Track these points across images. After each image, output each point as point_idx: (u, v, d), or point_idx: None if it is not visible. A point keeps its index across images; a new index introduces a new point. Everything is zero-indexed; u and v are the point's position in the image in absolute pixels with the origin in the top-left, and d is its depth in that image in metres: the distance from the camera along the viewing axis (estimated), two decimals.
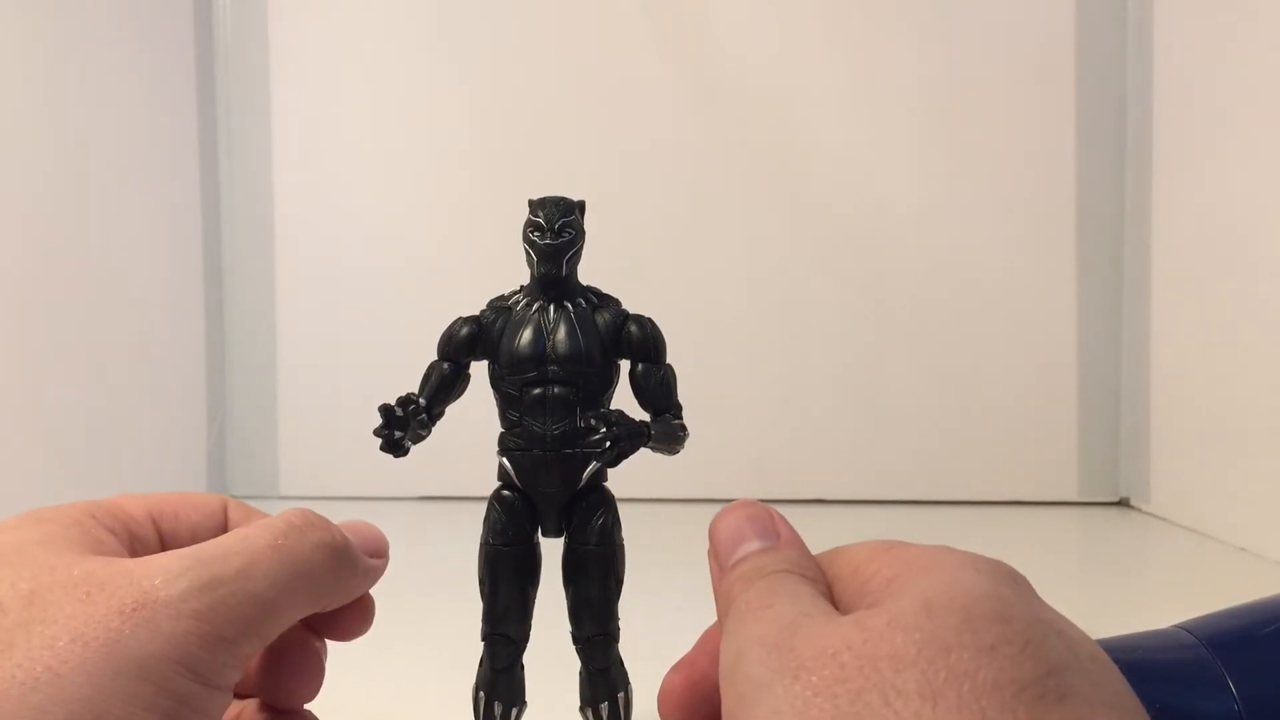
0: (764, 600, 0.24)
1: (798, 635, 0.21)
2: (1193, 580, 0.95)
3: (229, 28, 1.39)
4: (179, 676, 0.24)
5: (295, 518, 0.29)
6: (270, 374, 1.39)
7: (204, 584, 0.25)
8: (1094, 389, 1.29)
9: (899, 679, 0.19)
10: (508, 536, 0.53)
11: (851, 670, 0.19)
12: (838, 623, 0.21)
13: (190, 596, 0.25)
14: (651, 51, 1.32)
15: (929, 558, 0.23)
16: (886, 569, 0.23)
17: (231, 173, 1.40)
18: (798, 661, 0.20)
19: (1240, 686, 0.34)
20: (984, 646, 0.19)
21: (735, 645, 0.22)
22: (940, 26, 1.29)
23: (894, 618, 0.20)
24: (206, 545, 0.27)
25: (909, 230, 1.30)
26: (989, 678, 0.18)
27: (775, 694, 0.20)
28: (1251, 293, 1.03)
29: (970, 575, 0.21)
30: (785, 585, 0.24)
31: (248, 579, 0.26)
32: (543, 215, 0.52)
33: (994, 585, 0.21)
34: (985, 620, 0.19)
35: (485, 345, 0.53)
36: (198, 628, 0.24)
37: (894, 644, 0.19)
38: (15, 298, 1.05)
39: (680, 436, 0.53)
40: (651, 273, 1.26)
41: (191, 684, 0.24)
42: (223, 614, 0.25)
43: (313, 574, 0.29)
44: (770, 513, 0.28)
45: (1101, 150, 1.28)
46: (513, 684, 0.54)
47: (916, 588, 0.21)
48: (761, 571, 0.25)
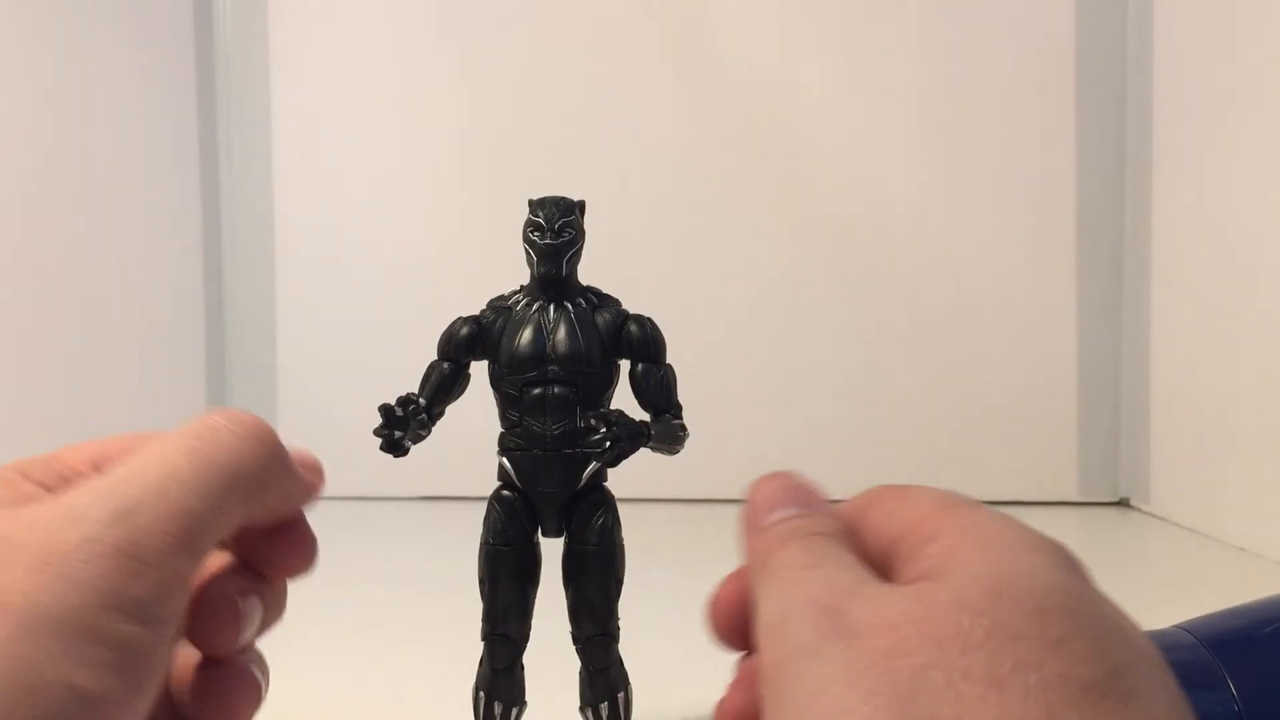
0: (808, 559, 0.23)
1: (854, 599, 0.20)
2: (1193, 580, 0.95)
3: (229, 28, 1.39)
4: (108, 622, 0.22)
5: (213, 417, 0.27)
6: (270, 374, 1.39)
7: (114, 515, 0.23)
8: (1094, 389, 1.29)
9: (964, 661, 0.18)
10: (508, 536, 0.53)
11: (913, 644, 0.19)
12: (898, 593, 0.20)
13: (103, 532, 0.23)
14: (652, 52, 1.32)
15: (993, 530, 0.22)
16: (949, 533, 0.22)
17: (231, 173, 1.40)
18: (854, 627, 0.19)
19: (1240, 686, 0.34)
20: (1051, 640, 0.18)
21: (780, 603, 0.21)
22: (940, 28, 1.29)
23: (962, 598, 0.19)
24: (115, 471, 0.25)
25: (909, 230, 1.30)
26: (1056, 671, 0.18)
27: (827, 658, 0.19)
28: (1251, 293, 1.03)
29: (1037, 560, 0.21)
30: (830, 549, 0.24)
31: (162, 496, 0.24)
32: (543, 215, 0.53)
33: (1061, 575, 0.20)
34: (1054, 613, 0.19)
35: (485, 345, 0.53)
36: (116, 565, 0.22)
37: (960, 625, 0.19)
38: (15, 297, 1.05)
39: (680, 436, 0.53)
40: (651, 273, 1.26)
41: (123, 624, 0.22)
42: (141, 540, 0.23)
43: (239, 471, 0.26)
44: (810, 485, 0.27)
45: (1101, 150, 1.27)
46: (513, 684, 0.54)
47: (984, 566, 0.20)
48: (802, 531, 0.24)
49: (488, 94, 1.34)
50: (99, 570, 0.22)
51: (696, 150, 1.32)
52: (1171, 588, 0.94)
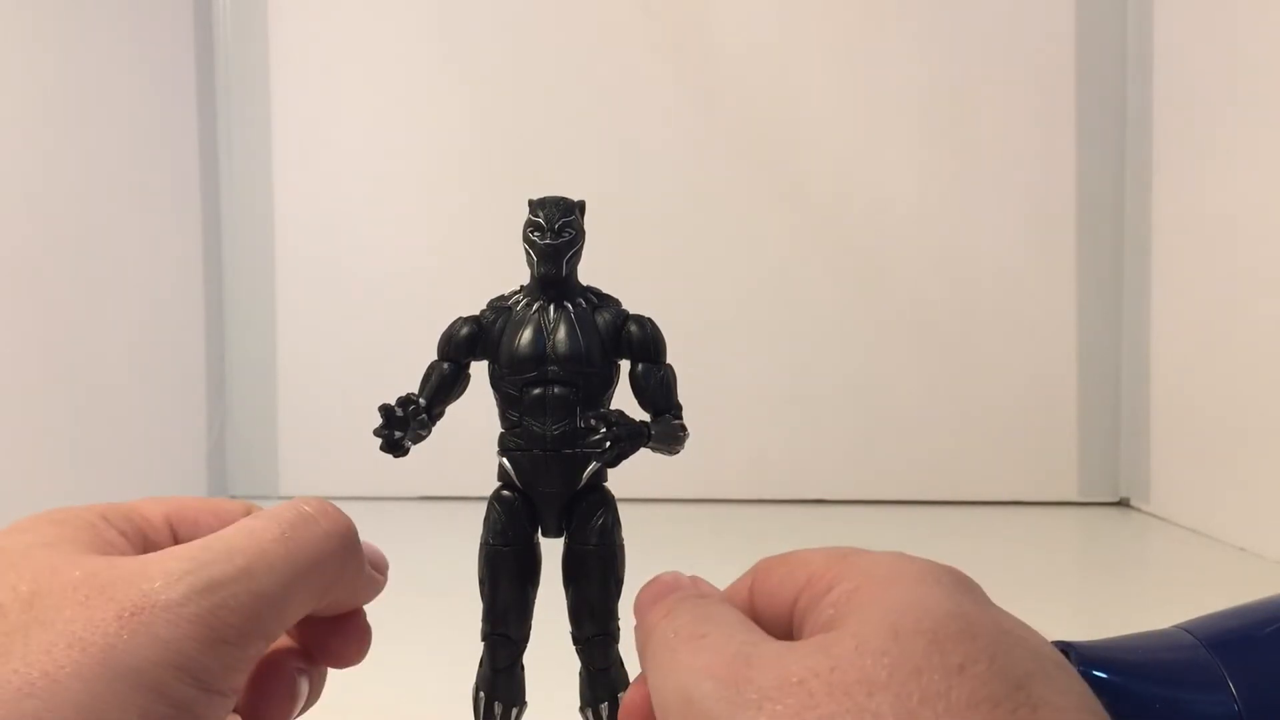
0: (695, 629, 0.23)
1: (753, 666, 0.20)
2: (1193, 580, 0.95)
3: (229, 28, 1.39)
4: (178, 682, 0.23)
5: (306, 506, 0.28)
6: (270, 374, 1.39)
7: (205, 586, 0.24)
8: (1094, 389, 1.29)
9: (872, 702, 0.18)
10: (508, 536, 0.53)
11: (821, 697, 0.19)
12: (798, 649, 0.21)
13: (190, 600, 0.24)
14: (651, 52, 1.32)
15: (887, 569, 0.22)
16: (846, 580, 0.22)
17: (231, 173, 1.40)
18: (759, 692, 0.20)
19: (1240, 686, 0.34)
20: (953, 667, 0.19)
21: (677, 682, 0.22)
22: (940, 27, 1.29)
23: (861, 642, 0.20)
24: (211, 542, 0.26)
25: (909, 230, 1.30)
26: (961, 696, 0.18)
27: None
28: (1251, 293, 1.03)
29: (930, 590, 0.21)
30: (714, 612, 0.24)
31: (251, 578, 0.25)
32: (543, 215, 0.52)
33: (954, 600, 0.21)
34: (952, 640, 0.19)
35: (485, 345, 0.53)
36: (197, 632, 0.24)
37: (863, 668, 0.19)
38: (15, 297, 1.05)
39: (680, 437, 0.53)
40: (652, 273, 1.26)
41: (190, 689, 0.23)
42: (224, 617, 0.24)
43: (320, 565, 0.28)
44: (697, 578, 0.28)
45: (1101, 150, 1.27)
46: (513, 684, 0.53)
47: (879, 607, 0.21)
48: (683, 600, 0.25)
49: (488, 94, 1.34)
50: (182, 634, 0.23)
51: (696, 150, 1.32)
52: (1171, 588, 0.94)
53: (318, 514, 0.28)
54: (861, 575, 0.22)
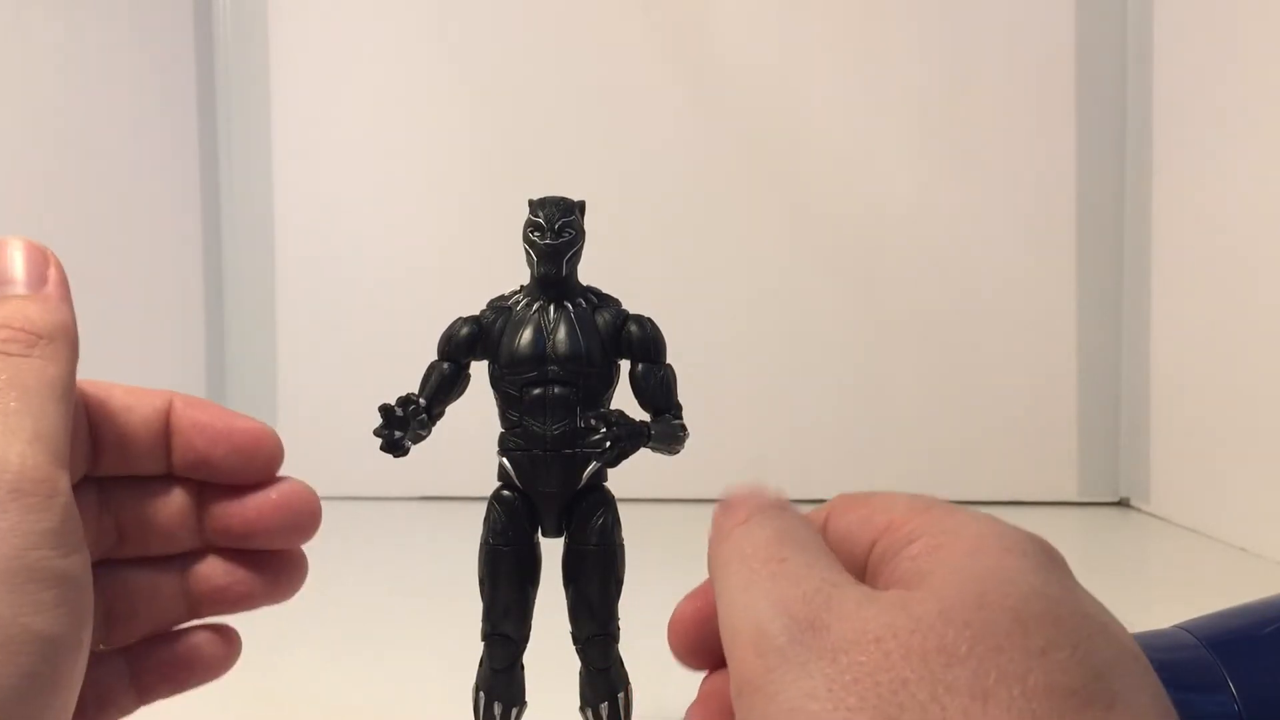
0: (774, 550, 0.22)
1: (831, 609, 0.20)
2: (1193, 580, 0.95)
3: (229, 28, 1.39)
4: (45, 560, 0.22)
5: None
6: (270, 374, 1.39)
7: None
8: (1094, 389, 1.29)
9: (948, 674, 0.18)
10: (508, 536, 0.53)
11: (897, 659, 0.18)
12: (878, 602, 0.20)
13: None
14: (652, 51, 1.32)
15: (973, 532, 0.22)
16: (929, 536, 0.22)
17: (231, 173, 1.40)
18: (835, 642, 0.19)
19: (1240, 686, 0.34)
20: (1035, 649, 0.18)
21: (750, 608, 0.21)
22: (940, 27, 1.29)
23: (945, 608, 0.19)
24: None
25: (909, 230, 1.30)
26: (1040, 681, 0.18)
27: (808, 673, 0.19)
28: (1251, 293, 1.03)
29: (1019, 564, 0.21)
30: (796, 532, 0.23)
31: (13, 434, 0.24)
32: (543, 215, 0.53)
33: (1042, 578, 0.20)
34: (1035, 620, 0.19)
35: (485, 345, 0.53)
36: (24, 502, 0.23)
37: (944, 637, 0.19)
38: None
39: (680, 436, 0.53)
40: (652, 273, 1.26)
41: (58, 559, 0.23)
42: (32, 474, 0.23)
43: (52, 378, 0.26)
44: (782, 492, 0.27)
45: (1101, 150, 1.27)
46: (513, 684, 0.54)
47: (965, 573, 0.20)
48: (765, 511, 0.24)
49: (488, 93, 1.34)
50: (11, 520, 0.22)
51: (696, 150, 1.32)
52: (1171, 588, 0.94)
53: (10, 342, 0.26)
54: (946, 534, 0.22)
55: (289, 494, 0.30)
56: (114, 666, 0.29)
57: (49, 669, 0.22)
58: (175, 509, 0.30)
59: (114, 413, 0.29)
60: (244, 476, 0.29)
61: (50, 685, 0.22)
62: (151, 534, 0.30)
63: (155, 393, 0.30)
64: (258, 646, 0.40)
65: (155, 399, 0.30)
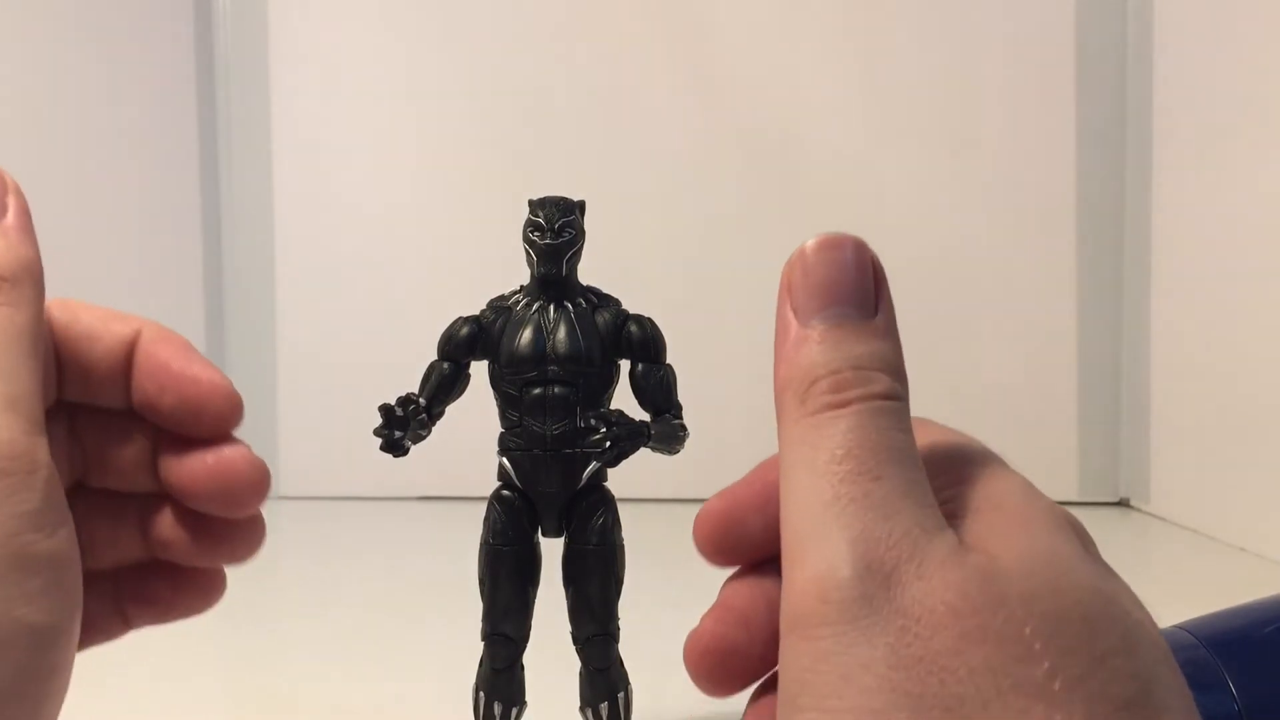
0: (869, 463, 0.20)
1: (914, 563, 0.18)
2: (1193, 580, 0.95)
3: (229, 28, 1.39)
4: (30, 544, 0.21)
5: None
6: (270, 374, 1.39)
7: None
8: (1094, 389, 1.29)
9: (1018, 671, 0.17)
10: (508, 536, 0.53)
11: (973, 642, 0.17)
12: (963, 565, 0.18)
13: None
14: (652, 51, 1.32)
15: (1016, 504, 0.21)
16: (968, 499, 0.20)
17: (231, 173, 1.40)
18: (908, 606, 0.18)
19: (1240, 686, 0.34)
20: (1098, 655, 0.18)
21: (828, 537, 0.19)
22: (940, 26, 1.29)
23: (1029, 592, 0.18)
24: None
25: (908, 230, 1.30)
26: (1097, 689, 0.18)
27: (872, 641, 0.18)
28: (1251, 292, 1.03)
29: (1069, 549, 0.20)
30: (898, 441, 0.20)
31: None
32: (543, 215, 0.53)
33: (1091, 568, 0.20)
34: (1100, 623, 0.18)
35: (485, 345, 0.53)
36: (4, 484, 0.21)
37: (1024, 627, 0.18)
38: None
39: (680, 436, 0.53)
40: (652, 273, 1.26)
41: (43, 540, 0.21)
42: (9, 451, 0.22)
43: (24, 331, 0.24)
44: (877, 269, 0.23)
45: (1101, 150, 1.27)
46: (513, 684, 0.54)
47: (1032, 554, 0.19)
48: (870, 395, 0.21)
49: (488, 94, 1.34)
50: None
51: (696, 150, 1.32)
52: (1171, 588, 0.94)
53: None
54: (987, 502, 0.20)
55: (226, 461, 0.27)
56: (100, 588, 0.27)
57: (43, 660, 0.21)
58: (136, 449, 0.27)
59: (77, 339, 0.27)
60: (192, 430, 0.27)
61: (47, 674, 0.21)
62: (111, 469, 0.27)
63: (125, 321, 0.27)
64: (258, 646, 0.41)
65: (123, 329, 0.27)
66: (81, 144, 1.17)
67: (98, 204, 1.19)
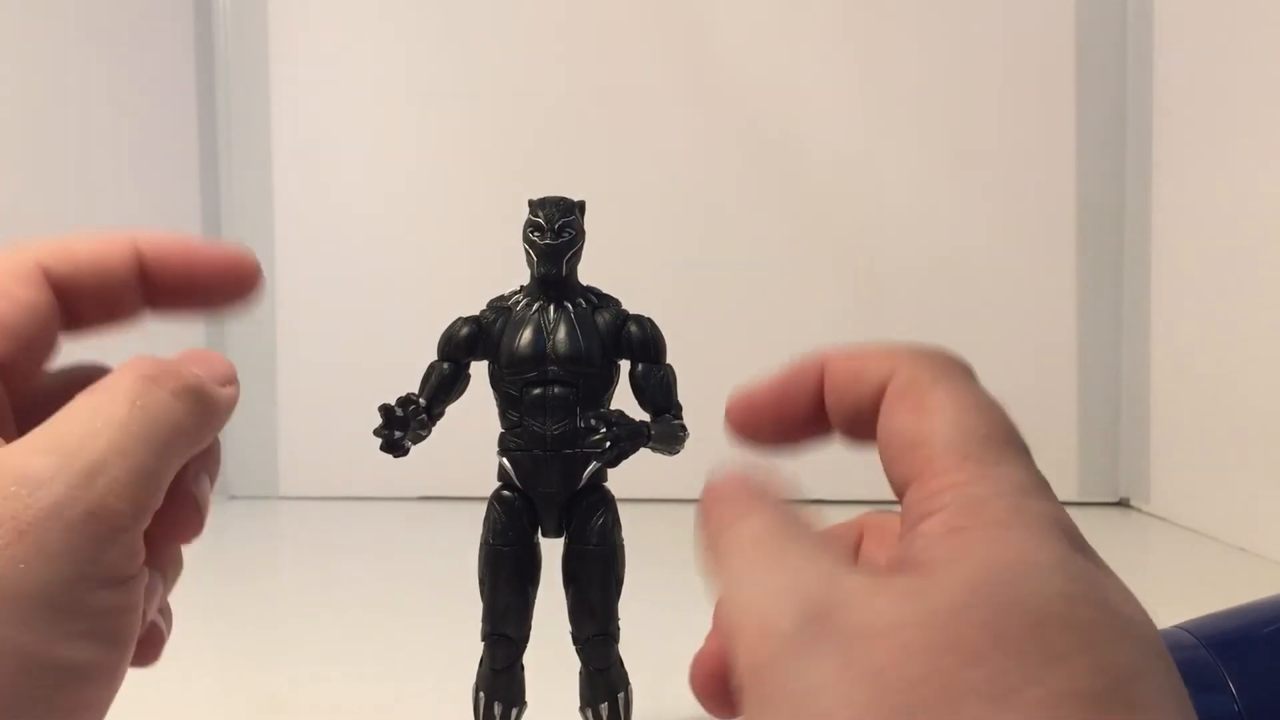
0: (773, 543, 0.21)
1: (840, 597, 0.19)
2: (1193, 580, 0.95)
3: (229, 28, 1.39)
4: (90, 594, 0.21)
5: (144, 367, 0.25)
6: (270, 374, 1.39)
7: (84, 477, 0.22)
8: (1094, 389, 1.29)
9: (964, 675, 0.17)
10: (508, 536, 0.53)
11: (914, 652, 0.18)
12: (886, 592, 0.19)
13: (73, 497, 0.21)
14: (652, 51, 1.32)
15: (998, 513, 0.21)
16: (951, 510, 0.21)
17: (231, 173, 1.40)
18: (845, 631, 0.18)
19: (1240, 686, 0.34)
20: (1055, 654, 0.18)
21: (756, 597, 0.20)
22: (941, 27, 1.29)
23: (961, 605, 0.18)
24: (58, 429, 0.23)
25: (909, 229, 1.30)
26: (1057, 688, 0.17)
27: (818, 665, 0.18)
28: (1251, 292, 1.03)
29: (1042, 556, 0.20)
30: (792, 523, 0.22)
31: (126, 456, 0.22)
32: (543, 215, 0.53)
33: (1065, 574, 0.20)
34: (1056, 626, 0.18)
35: (485, 345, 0.53)
36: (91, 531, 0.21)
37: (961, 636, 0.18)
38: None
39: (680, 436, 0.53)
40: (652, 273, 1.26)
41: (105, 594, 0.21)
42: (115, 505, 0.22)
43: (181, 425, 0.24)
44: (762, 479, 0.26)
45: (1101, 150, 1.27)
46: (513, 684, 0.54)
47: (985, 567, 0.19)
48: (756, 506, 0.23)
49: (488, 93, 1.34)
50: (73, 542, 0.21)
51: (697, 150, 1.32)
52: (1171, 588, 0.94)
53: (160, 374, 0.25)
54: (969, 512, 0.21)
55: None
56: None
57: (76, 698, 0.21)
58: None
59: (87, 275, 0.27)
60: (217, 298, 0.29)
61: (81, 711, 0.22)
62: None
63: (118, 234, 0.28)
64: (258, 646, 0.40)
65: (123, 242, 0.28)
66: (81, 144, 1.17)
67: (98, 204, 1.19)
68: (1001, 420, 0.24)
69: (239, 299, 0.29)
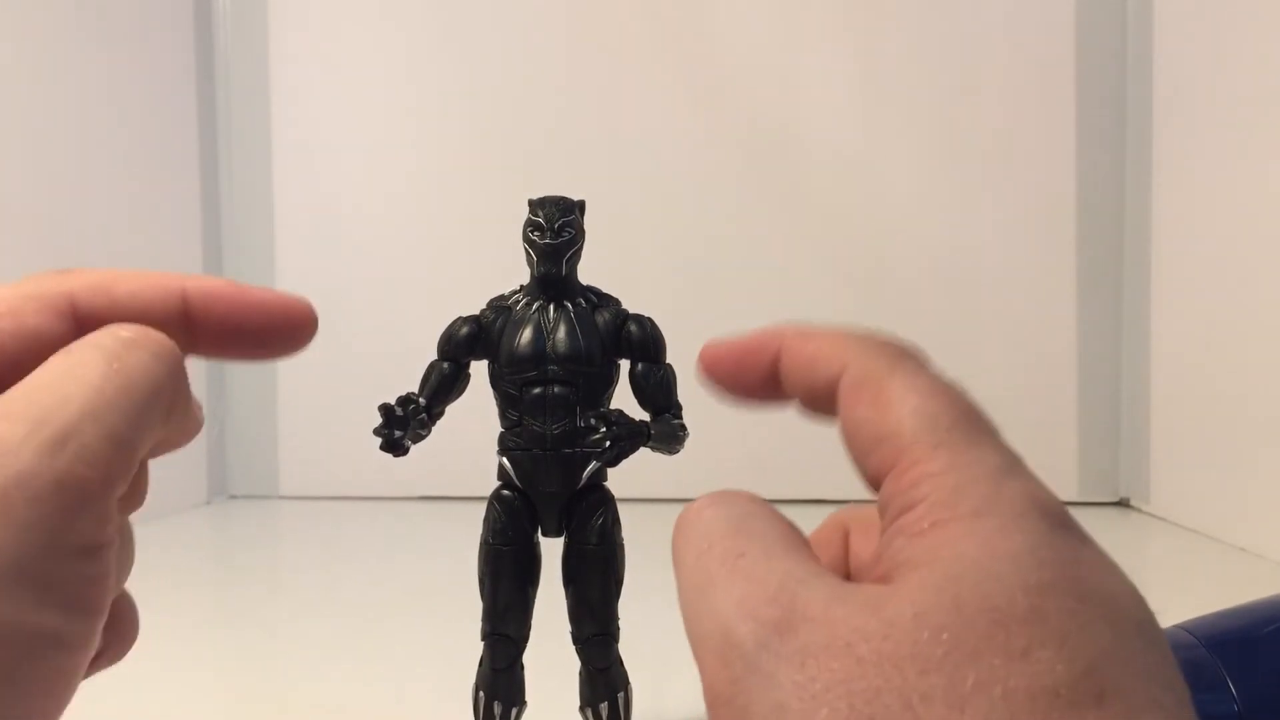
0: (729, 544, 0.21)
1: (798, 610, 0.19)
2: (1193, 580, 0.95)
3: (229, 28, 1.39)
4: (64, 564, 0.21)
5: (124, 330, 0.24)
6: (270, 374, 1.39)
7: (54, 444, 0.21)
8: (1094, 389, 1.29)
9: (922, 682, 0.17)
10: (508, 536, 0.53)
11: (869, 666, 0.18)
12: (847, 601, 0.19)
13: (43, 465, 0.20)
14: (653, 52, 1.32)
15: (974, 504, 0.20)
16: (925, 505, 0.20)
17: (231, 173, 1.40)
18: (804, 646, 0.18)
19: (1240, 686, 0.34)
20: (1016, 652, 0.18)
21: (715, 613, 0.20)
22: (941, 26, 1.29)
23: (919, 612, 0.18)
24: (29, 393, 0.22)
25: (909, 230, 1.30)
26: (1020, 685, 0.17)
27: (778, 684, 0.18)
28: (1252, 293, 1.03)
29: (1014, 547, 0.19)
30: (751, 521, 0.22)
31: (98, 421, 0.22)
32: (542, 215, 0.53)
33: (1036, 565, 0.19)
34: (1020, 621, 0.18)
35: (485, 345, 0.53)
36: (63, 501, 0.21)
37: (918, 644, 0.18)
38: None
39: (680, 436, 0.53)
40: (652, 273, 1.26)
41: (79, 564, 0.21)
42: (86, 473, 0.21)
43: (158, 391, 0.24)
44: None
45: (1101, 150, 1.27)
46: (513, 684, 0.54)
47: (950, 568, 0.19)
48: (715, 502, 0.23)
49: (487, 94, 1.34)
50: (44, 511, 0.20)
51: (697, 150, 1.32)
52: (1171, 588, 0.94)
53: (139, 337, 0.24)
54: (944, 505, 0.20)
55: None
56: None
57: (45, 664, 0.21)
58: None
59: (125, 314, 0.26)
60: (270, 346, 0.28)
61: (54, 677, 0.21)
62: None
63: (166, 278, 0.27)
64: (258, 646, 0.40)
65: (171, 283, 0.27)
66: (81, 144, 1.17)
67: (98, 204, 1.19)
68: (965, 403, 0.23)
69: (291, 348, 0.28)
